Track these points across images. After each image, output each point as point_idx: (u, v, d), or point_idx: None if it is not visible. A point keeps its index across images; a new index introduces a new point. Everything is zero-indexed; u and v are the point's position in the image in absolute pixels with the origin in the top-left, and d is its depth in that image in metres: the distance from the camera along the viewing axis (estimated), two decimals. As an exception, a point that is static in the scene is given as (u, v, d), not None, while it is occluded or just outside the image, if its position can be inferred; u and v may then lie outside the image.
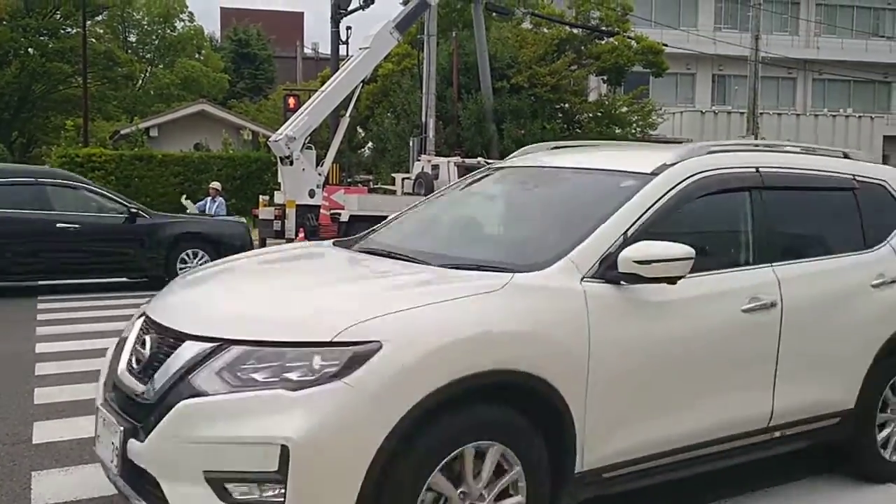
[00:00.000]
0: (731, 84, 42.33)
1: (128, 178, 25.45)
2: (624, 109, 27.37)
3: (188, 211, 18.28)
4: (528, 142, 23.98)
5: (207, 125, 30.74)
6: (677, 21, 39.89)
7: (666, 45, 29.23)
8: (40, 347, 7.79)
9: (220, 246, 12.66)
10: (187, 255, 12.70)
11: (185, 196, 18.48)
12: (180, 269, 12.27)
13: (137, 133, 29.65)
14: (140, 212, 12.50)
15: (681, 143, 32.61)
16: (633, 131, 27.57)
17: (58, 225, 11.57)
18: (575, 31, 28.35)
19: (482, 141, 24.03)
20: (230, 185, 25.92)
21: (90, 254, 12.02)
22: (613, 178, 4.01)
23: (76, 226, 11.70)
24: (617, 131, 27.08)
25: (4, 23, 34.19)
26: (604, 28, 28.24)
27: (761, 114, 30.50)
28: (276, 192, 18.09)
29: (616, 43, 27.98)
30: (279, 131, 17.55)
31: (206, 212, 17.15)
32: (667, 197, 3.79)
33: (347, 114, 18.66)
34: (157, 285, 5.61)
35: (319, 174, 17.50)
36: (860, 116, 37.92)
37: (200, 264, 11.52)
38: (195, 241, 12.88)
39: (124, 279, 12.65)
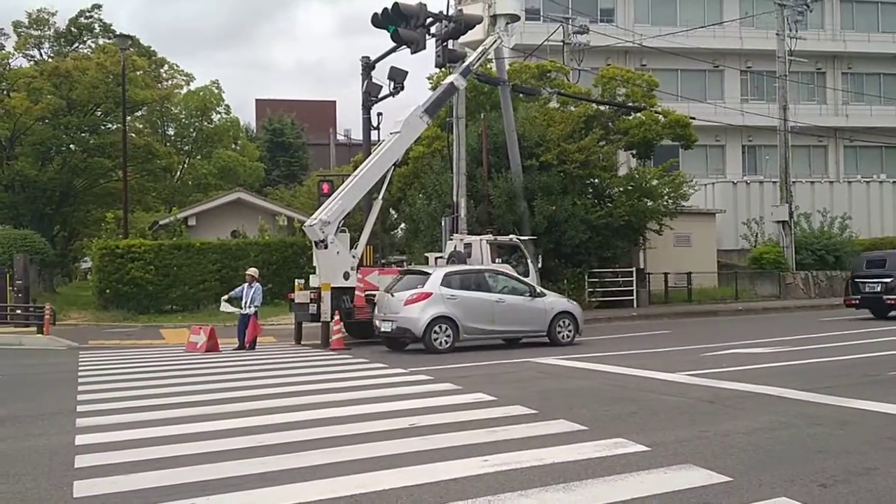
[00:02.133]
0: (761, 154, 42.35)
1: (167, 267, 25.88)
2: (654, 182, 27.38)
3: (227, 311, 18.04)
4: (560, 218, 24.09)
5: (244, 212, 31.31)
6: (703, 94, 40.25)
7: (693, 118, 29.43)
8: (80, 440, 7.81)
9: None
10: None
11: (224, 297, 18.17)
12: None
13: (176, 223, 30.27)
14: None
15: (714, 213, 32.37)
16: (665, 203, 27.50)
17: None
18: (602, 107, 28.67)
19: (513, 218, 24.13)
20: (267, 271, 26.20)
21: None
22: None
23: None
24: (649, 204, 27.04)
25: (47, 121, 35.41)
26: (630, 104, 28.53)
27: (794, 182, 30.33)
28: (311, 276, 18.24)
29: (643, 118, 28.20)
30: (314, 216, 17.84)
31: (243, 298, 17.26)
32: None
33: (380, 196, 18.93)
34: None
35: (353, 256, 17.67)
36: (894, 181, 37.57)
37: None
38: None
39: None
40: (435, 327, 15.41)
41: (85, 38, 40.23)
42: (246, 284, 17.37)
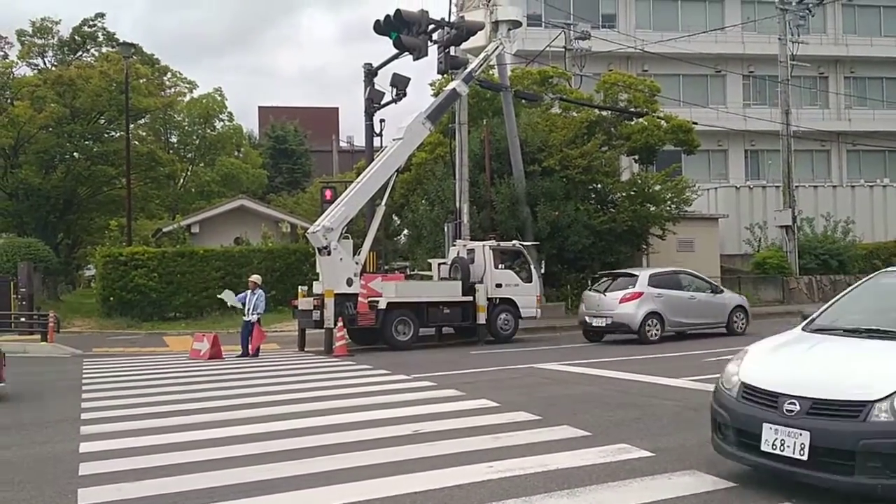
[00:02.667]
0: (764, 159, 42.35)
1: (170, 275, 25.91)
2: (657, 187, 27.38)
3: (229, 304, 18.42)
4: (563, 223, 24.10)
5: (247, 219, 31.37)
6: (706, 99, 40.29)
7: (696, 123, 29.43)
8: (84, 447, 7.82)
9: None
10: None
11: (225, 290, 18.63)
12: None
13: (179, 230, 30.32)
14: None
15: (717, 218, 32.34)
16: (668, 208, 27.51)
17: None
18: (604, 113, 28.70)
19: (516, 224, 24.14)
20: (270, 277, 26.20)
21: None
22: None
23: None
24: (652, 209, 27.05)
25: (50, 129, 35.50)
26: (632, 109, 28.57)
27: (797, 187, 30.31)
28: (314, 283, 18.25)
29: (646, 123, 28.22)
30: (317, 223, 17.86)
31: (246, 304, 17.28)
32: None
33: (383, 202, 18.96)
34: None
35: (356, 263, 17.68)
36: (898, 186, 37.55)
37: None
38: None
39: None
40: (647, 321, 17.56)
41: (88, 47, 40.38)
42: (249, 291, 17.40)
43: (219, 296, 19.11)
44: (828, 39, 42.97)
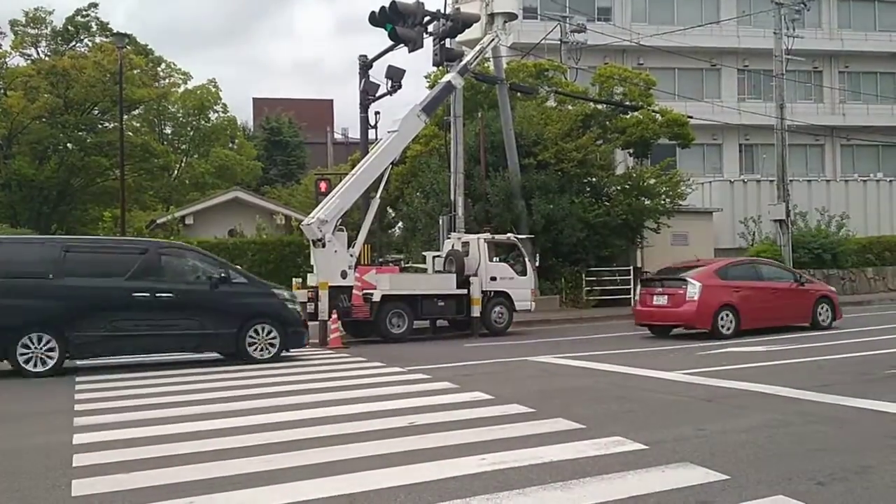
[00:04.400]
0: (758, 153, 42.40)
1: (164, 266, 25.78)
2: (652, 181, 27.41)
3: None
4: (558, 216, 24.11)
5: (241, 211, 31.28)
6: (701, 93, 40.32)
7: (691, 117, 29.42)
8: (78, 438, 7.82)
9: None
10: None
11: None
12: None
13: (173, 222, 30.22)
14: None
15: (711, 212, 32.43)
16: (663, 202, 27.55)
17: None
18: (599, 106, 28.70)
19: (511, 217, 24.14)
20: (264, 269, 26.12)
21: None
22: None
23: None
24: (646, 203, 27.07)
25: (44, 120, 35.37)
26: (628, 103, 28.57)
27: (791, 181, 30.34)
28: (309, 275, 18.24)
29: (641, 117, 28.23)
30: (311, 215, 17.85)
31: None
32: None
33: (378, 195, 18.95)
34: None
35: (351, 255, 17.68)
36: (891, 181, 37.60)
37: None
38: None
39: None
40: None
41: (82, 37, 40.24)
42: None
43: None
44: (823, 34, 43.04)
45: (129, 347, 13.39)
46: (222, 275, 13.71)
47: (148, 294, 12.96)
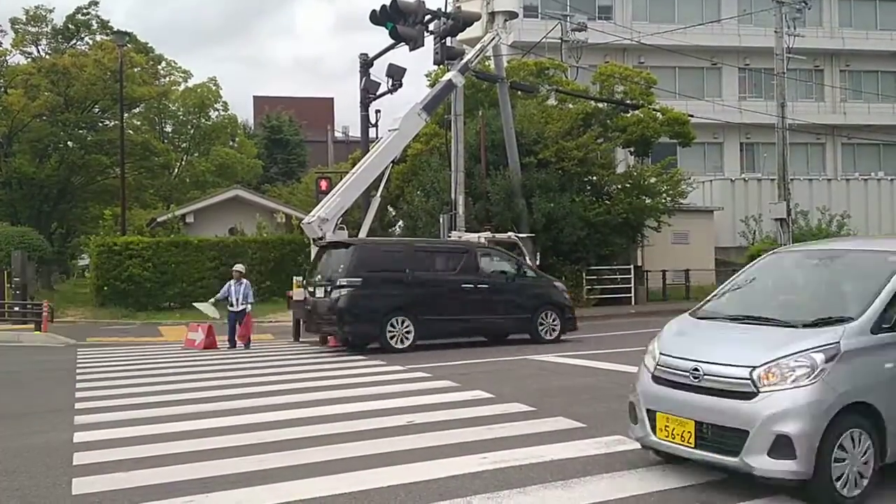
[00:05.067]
0: (759, 151, 42.36)
1: (165, 265, 25.85)
2: (653, 180, 27.38)
3: (209, 313, 17.32)
4: (558, 215, 24.10)
5: (242, 210, 31.28)
6: (702, 92, 40.27)
7: (692, 116, 29.38)
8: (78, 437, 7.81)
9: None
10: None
11: (211, 301, 17.67)
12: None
13: (174, 220, 30.23)
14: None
15: (712, 211, 32.36)
16: (664, 201, 27.52)
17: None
18: (600, 105, 28.67)
19: (512, 215, 24.12)
20: (265, 268, 26.20)
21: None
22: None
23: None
24: (647, 201, 27.05)
25: (44, 118, 35.36)
26: (628, 101, 28.53)
27: (792, 180, 30.33)
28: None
29: (641, 115, 28.20)
30: (312, 213, 17.82)
31: (232, 296, 16.56)
32: None
33: (378, 193, 18.94)
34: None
35: (352, 254, 17.61)
36: (892, 179, 37.59)
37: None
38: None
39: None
40: None
41: (82, 35, 40.22)
42: (233, 281, 16.74)
43: (195, 304, 18.49)
44: (823, 32, 42.97)
45: (457, 330, 15.56)
46: (518, 269, 16.33)
47: (472, 286, 15.37)
